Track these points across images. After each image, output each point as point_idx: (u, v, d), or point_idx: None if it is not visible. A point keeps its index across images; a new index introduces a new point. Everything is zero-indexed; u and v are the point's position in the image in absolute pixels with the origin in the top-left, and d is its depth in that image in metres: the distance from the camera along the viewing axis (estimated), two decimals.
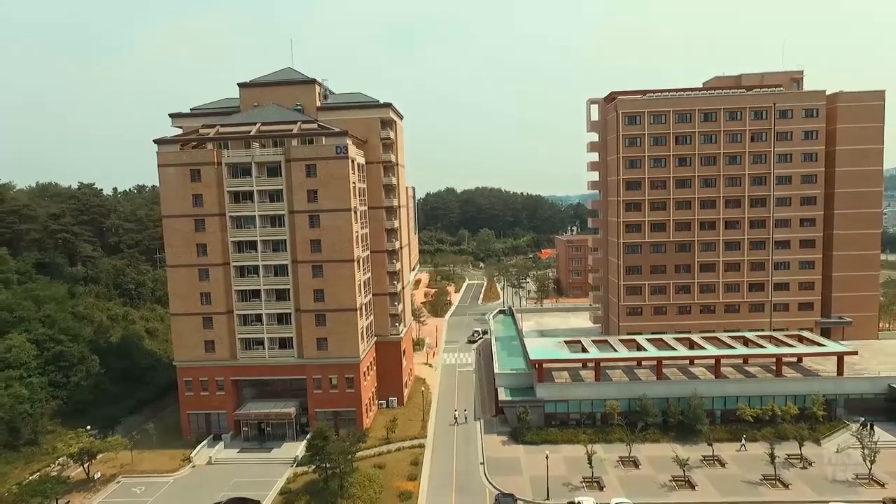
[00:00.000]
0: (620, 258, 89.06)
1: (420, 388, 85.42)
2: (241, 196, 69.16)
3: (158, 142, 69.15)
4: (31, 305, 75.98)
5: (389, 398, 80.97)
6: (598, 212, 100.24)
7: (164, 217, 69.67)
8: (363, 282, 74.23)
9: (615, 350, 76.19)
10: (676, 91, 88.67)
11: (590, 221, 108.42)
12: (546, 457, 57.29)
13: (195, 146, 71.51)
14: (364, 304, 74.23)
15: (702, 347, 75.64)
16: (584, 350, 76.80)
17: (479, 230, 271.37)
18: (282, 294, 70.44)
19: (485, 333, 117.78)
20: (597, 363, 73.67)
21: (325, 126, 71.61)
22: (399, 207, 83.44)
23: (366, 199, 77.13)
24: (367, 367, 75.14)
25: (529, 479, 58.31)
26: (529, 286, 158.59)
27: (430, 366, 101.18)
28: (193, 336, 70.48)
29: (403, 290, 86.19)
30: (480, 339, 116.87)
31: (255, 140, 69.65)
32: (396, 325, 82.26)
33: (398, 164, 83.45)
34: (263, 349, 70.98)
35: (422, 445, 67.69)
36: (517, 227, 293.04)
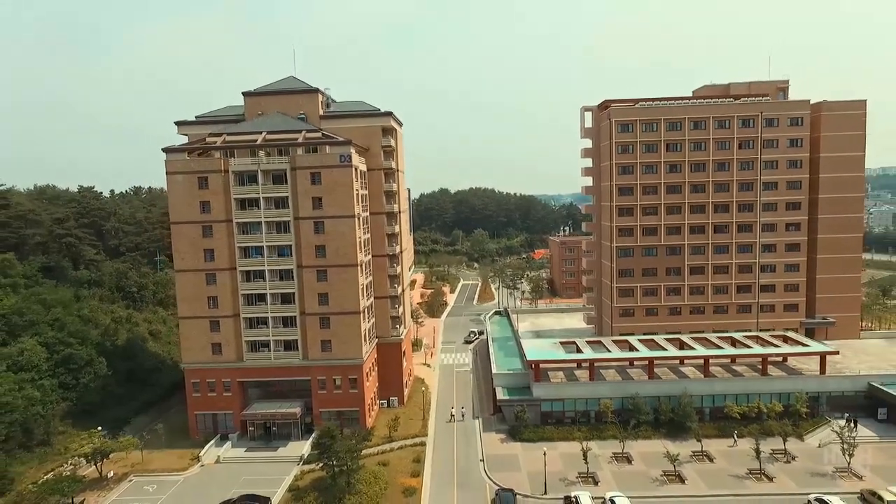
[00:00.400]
0: (613, 261, 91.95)
1: (420, 388, 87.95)
2: (248, 203, 71.21)
3: (167, 150, 71.05)
4: (40, 309, 77.63)
5: (390, 398, 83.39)
6: (592, 216, 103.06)
7: (173, 223, 71.55)
8: (365, 285, 76.53)
9: (608, 350, 79.04)
10: (667, 100, 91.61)
11: (584, 225, 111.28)
12: (544, 453, 59.99)
13: (201, 154, 73.46)
14: (366, 307, 76.56)
15: (691, 348, 78.68)
16: (579, 350, 79.64)
17: (473, 231, 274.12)
18: (287, 298, 72.57)
19: (481, 334, 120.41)
20: (591, 363, 76.53)
21: (329, 135, 73.81)
22: (399, 213, 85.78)
23: (367, 205, 79.37)
24: (370, 368, 77.48)
25: (527, 475, 60.96)
26: (524, 287, 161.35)
27: (429, 366, 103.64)
28: (201, 339, 72.50)
29: (403, 293, 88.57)
30: (477, 340, 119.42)
31: (261, 149, 71.69)
32: (397, 327, 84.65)
33: (398, 171, 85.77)
34: (269, 351, 73.09)
35: (423, 443, 70.14)
36: (510, 228, 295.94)
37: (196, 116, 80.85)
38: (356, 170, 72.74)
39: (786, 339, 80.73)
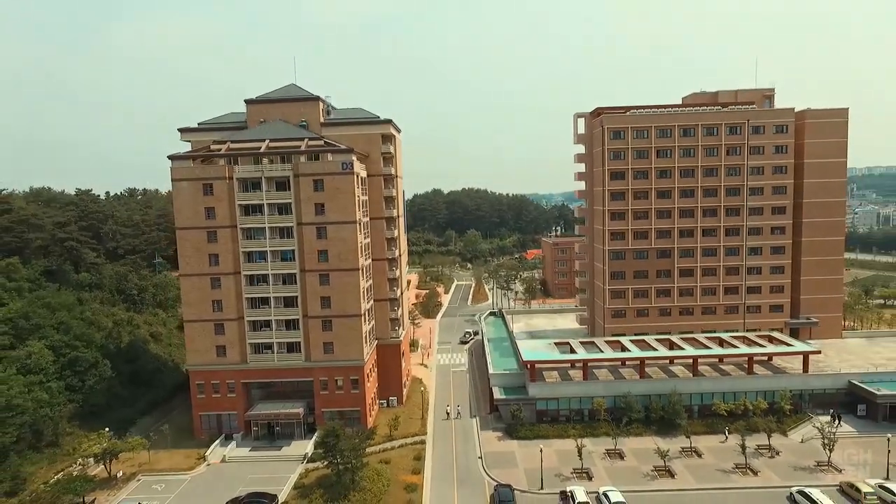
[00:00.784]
0: (605, 264, 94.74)
1: (418, 388, 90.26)
2: (252, 209, 73.05)
3: (173, 157, 72.75)
4: (45, 313, 78.96)
5: (389, 398, 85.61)
6: (585, 219, 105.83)
7: (178, 228, 73.21)
8: (366, 289, 78.64)
9: (601, 351, 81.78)
10: (658, 107, 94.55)
11: (577, 228, 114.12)
12: (540, 450, 62.48)
13: (205, 161, 75.12)
14: (367, 310, 78.70)
15: (681, 348, 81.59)
16: (573, 351, 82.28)
17: (466, 231, 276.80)
18: (290, 301, 74.52)
19: (476, 334, 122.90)
20: (584, 363, 79.20)
21: (332, 142, 75.81)
22: (398, 217, 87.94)
23: (367, 211, 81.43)
24: (370, 369, 79.63)
25: (524, 472, 63.42)
26: (517, 287, 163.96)
27: (426, 366, 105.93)
28: (205, 341, 74.26)
29: (402, 296, 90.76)
30: (472, 340, 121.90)
31: (265, 156, 73.53)
32: (396, 329, 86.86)
33: (397, 176, 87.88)
34: (273, 353, 75.01)
35: (423, 442, 72.39)
36: (503, 228, 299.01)
37: (199, 123, 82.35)
38: (357, 176, 74.80)
39: (771, 339, 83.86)
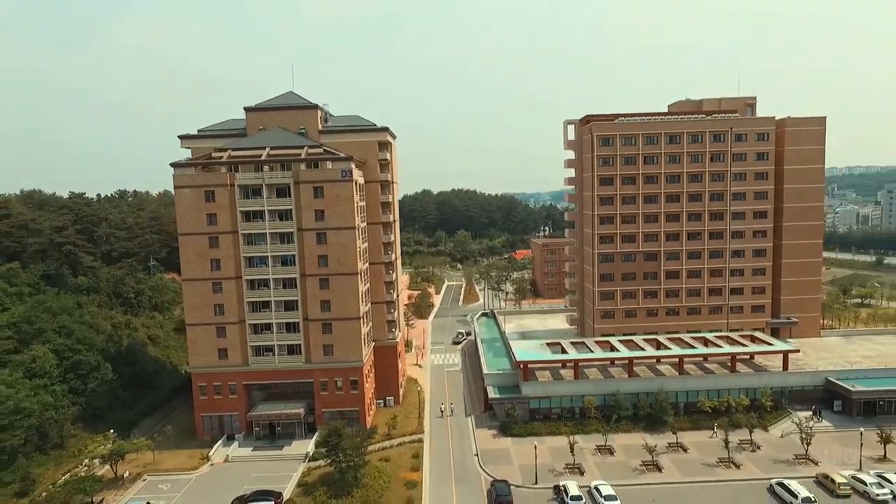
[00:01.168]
0: (595, 266, 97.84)
1: (413, 388, 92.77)
2: (253, 215, 74.91)
3: (175, 165, 74.39)
4: (47, 317, 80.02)
5: (386, 397, 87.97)
6: (575, 223, 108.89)
7: (180, 234, 74.85)
8: (364, 292, 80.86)
9: (591, 351, 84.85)
10: (645, 115, 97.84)
11: (567, 232, 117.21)
12: (534, 447, 65.28)
13: (206, 168, 76.75)
14: (365, 313, 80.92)
15: (667, 348, 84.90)
16: (564, 351, 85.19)
17: (456, 231, 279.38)
18: (290, 305, 76.54)
19: (468, 335, 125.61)
20: (575, 363, 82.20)
21: (331, 150, 77.89)
22: (394, 222, 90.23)
23: (365, 216, 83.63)
24: (368, 370, 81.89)
25: (519, 467, 66.18)
26: (508, 287, 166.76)
27: (420, 366, 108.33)
28: (208, 344, 76.02)
29: (398, 298, 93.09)
30: (464, 341, 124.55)
31: (266, 164, 75.40)
32: (392, 331, 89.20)
33: (393, 182, 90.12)
34: (273, 355, 76.98)
35: (420, 440, 74.84)
36: (492, 228, 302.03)
37: (198, 130, 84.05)
38: (356, 183, 76.96)
39: (753, 339, 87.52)
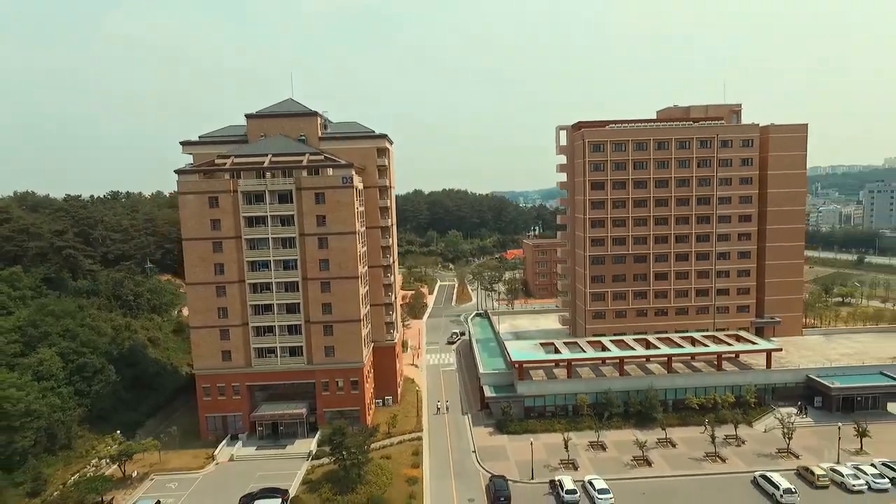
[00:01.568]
0: (586, 268, 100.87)
1: (411, 388, 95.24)
2: (255, 220, 76.82)
3: (179, 172, 76.07)
4: (52, 320, 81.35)
5: (385, 397, 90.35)
6: (567, 226, 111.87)
7: (185, 239, 76.55)
8: (364, 295, 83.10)
9: (584, 351, 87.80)
10: (635, 122, 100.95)
11: (558, 235, 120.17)
12: (530, 444, 68.04)
13: (208, 174, 78.40)
14: (365, 315, 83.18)
15: (656, 347, 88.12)
16: (557, 351, 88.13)
17: (448, 231, 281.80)
18: (292, 308, 78.54)
19: (462, 335, 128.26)
20: (569, 363, 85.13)
21: (332, 157, 79.99)
22: (392, 226, 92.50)
23: (364, 221, 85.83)
24: (368, 370, 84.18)
25: (515, 464, 68.93)
26: (500, 288, 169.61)
27: (416, 366, 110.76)
28: (211, 347, 77.86)
29: (395, 300, 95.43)
30: (459, 341, 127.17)
31: (268, 171, 77.31)
32: (391, 332, 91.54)
33: (391, 187, 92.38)
34: (276, 357, 78.97)
35: (420, 438, 77.30)
36: (483, 228, 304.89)
37: (200, 136, 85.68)
38: (356, 189, 79.13)
39: (738, 338, 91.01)
